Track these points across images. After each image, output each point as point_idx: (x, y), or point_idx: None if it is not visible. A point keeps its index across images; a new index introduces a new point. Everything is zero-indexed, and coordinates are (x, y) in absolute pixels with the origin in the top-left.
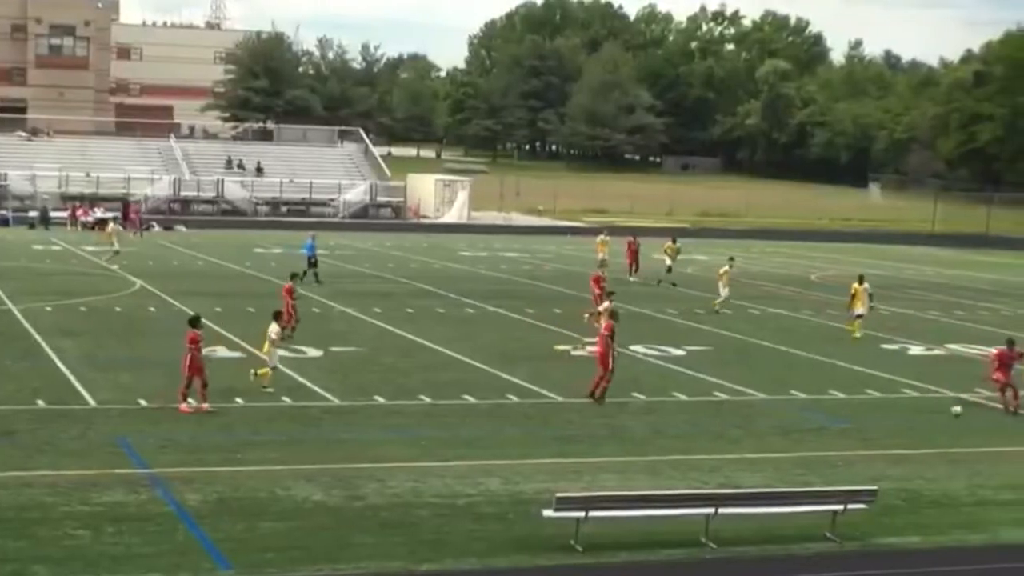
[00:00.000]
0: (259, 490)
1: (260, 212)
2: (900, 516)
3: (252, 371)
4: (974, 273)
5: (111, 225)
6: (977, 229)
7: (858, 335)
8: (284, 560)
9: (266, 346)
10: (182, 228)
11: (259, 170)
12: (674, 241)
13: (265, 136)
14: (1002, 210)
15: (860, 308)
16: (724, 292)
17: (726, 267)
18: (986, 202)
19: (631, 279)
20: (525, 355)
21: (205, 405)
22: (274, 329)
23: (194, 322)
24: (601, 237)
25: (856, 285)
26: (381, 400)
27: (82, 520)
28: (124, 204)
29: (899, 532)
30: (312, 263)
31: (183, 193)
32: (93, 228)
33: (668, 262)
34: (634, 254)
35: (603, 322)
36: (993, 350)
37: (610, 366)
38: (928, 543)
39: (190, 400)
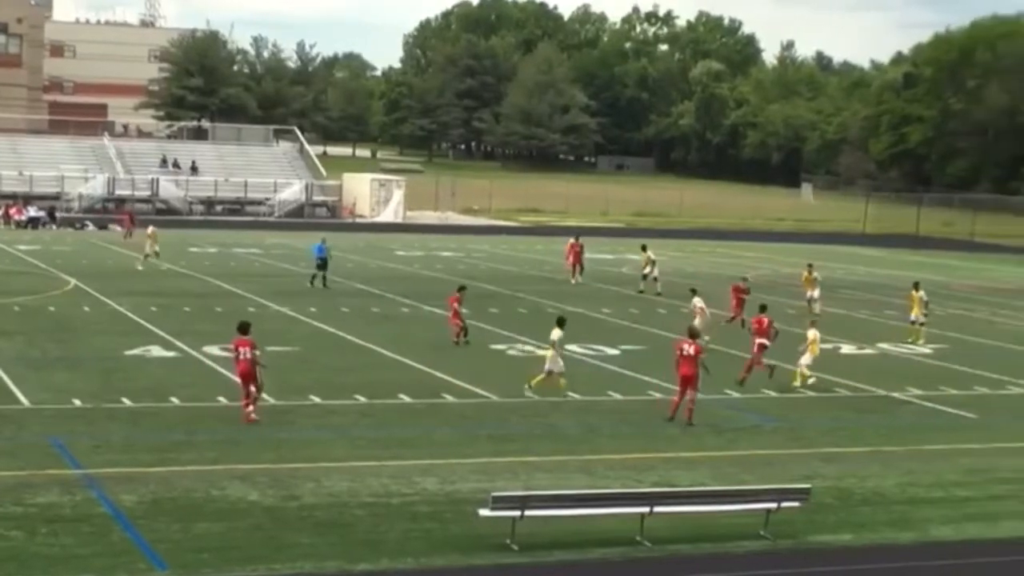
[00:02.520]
0: (194, 490)
1: (195, 211)
2: (833, 514)
3: (534, 379)
4: (904, 273)
5: (151, 228)
6: (907, 229)
7: (920, 342)
8: (219, 560)
9: (550, 352)
10: (117, 228)
11: (194, 169)
12: (644, 249)
13: (200, 135)
14: (931, 210)
15: (915, 314)
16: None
17: (805, 273)
18: (916, 203)
19: (573, 281)
20: (461, 354)
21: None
22: (557, 334)
23: (245, 328)
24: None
25: (912, 292)
26: (317, 400)
27: (16, 521)
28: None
29: (832, 530)
30: (322, 266)
31: (117, 192)
32: (26, 227)
33: (645, 271)
34: (577, 256)
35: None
36: None
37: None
38: (860, 541)
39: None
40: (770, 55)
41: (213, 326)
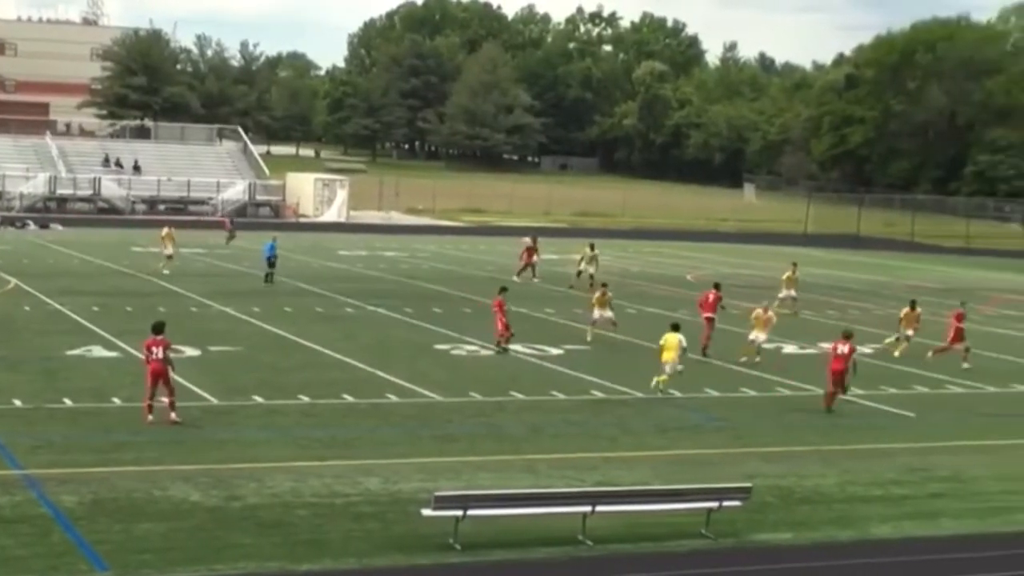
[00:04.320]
0: (136, 491)
1: (137, 210)
2: (773, 513)
3: (655, 381)
4: (845, 273)
5: (166, 229)
6: (848, 230)
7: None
8: (161, 561)
9: (672, 354)
10: (58, 227)
11: (136, 168)
12: (592, 248)
13: (143, 134)
14: (872, 211)
15: (909, 330)
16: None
17: (788, 272)
18: (857, 203)
19: (517, 279)
20: (404, 354)
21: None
22: (682, 339)
23: (158, 328)
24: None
25: (908, 309)
26: (259, 400)
27: None
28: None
29: (772, 529)
30: (271, 263)
31: (59, 191)
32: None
33: (580, 267)
34: (530, 255)
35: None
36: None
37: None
38: (800, 539)
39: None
40: (713, 56)
41: None
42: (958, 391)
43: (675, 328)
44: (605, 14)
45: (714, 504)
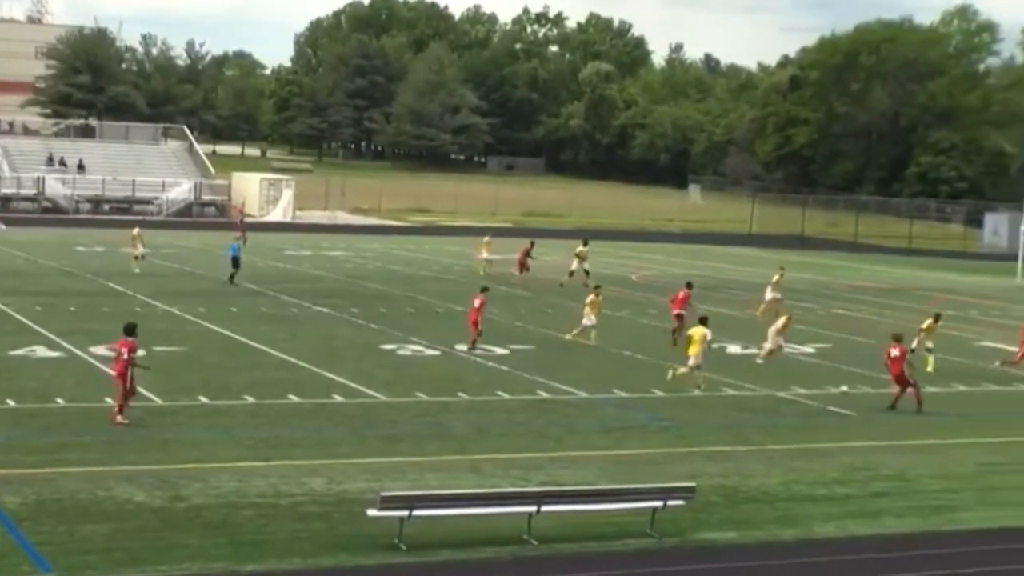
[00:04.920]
0: (80, 492)
1: (82, 210)
2: (718, 512)
3: (670, 372)
4: (790, 273)
5: (136, 230)
6: (793, 230)
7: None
8: (106, 562)
9: (694, 347)
10: (1, 226)
11: (81, 167)
12: (585, 243)
13: (87, 133)
14: (816, 212)
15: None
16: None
17: (776, 276)
18: (801, 204)
19: (513, 278)
20: (350, 354)
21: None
22: (707, 333)
23: (128, 329)
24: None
25: (931, 321)
26: (204, 400)
27: None
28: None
29: (717, 528)
30: (235, 263)
31: (2, 191)
32: None
33: (574, 265)
34: (524, 256)
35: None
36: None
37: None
38: (745, 538)
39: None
40: (659, 57)
41: (99, 326)
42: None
43: (703, 321)
44: (551, 15)
45: (659, 503)
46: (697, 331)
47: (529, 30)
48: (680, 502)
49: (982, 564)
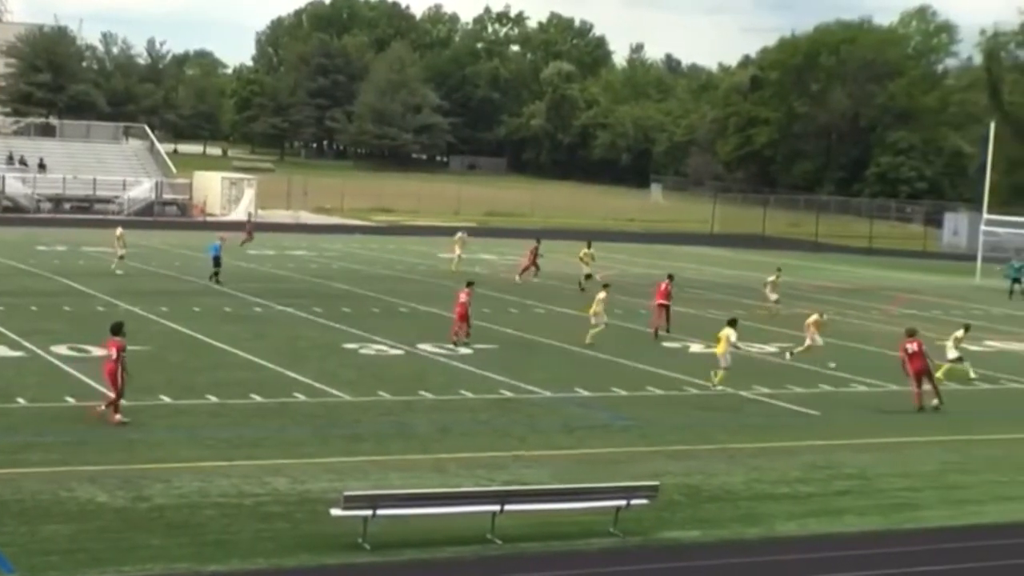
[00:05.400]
0: (42, 492)
1: (42, 209)
2: (681, 511)
3: (712, 375)
4: (751, 273)
5: (119, 230)
6: (754, 230)
7: (972, 375)
8: (68, 563)
9: (721, 347)
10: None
11: (41, 166)
12: (589, 246)
13: (47, 132)
14: (777, 212)
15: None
16: (772, 297)
17: (773, 277)
18: (762, 204)
19: (518, 279)
20: (313, 354)
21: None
22: (732, 333)
23: (114, 329)
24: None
25: (958, 333)
26: (167, 400)
27: None
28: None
29: (680, 526)
30: (216, 263)
31: None
32: None
33: (586, 269)
34: (533, 256)
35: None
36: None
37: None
38: (708, 537)
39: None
40: (620, 57)
41: (61, 325)
42: (862, 389)
43: (732, 323)
44: (512, 14)
45: (622, 502)
46: (725, 332)
47: (490, 29)
48: (643, 501)
49: (944, 562)
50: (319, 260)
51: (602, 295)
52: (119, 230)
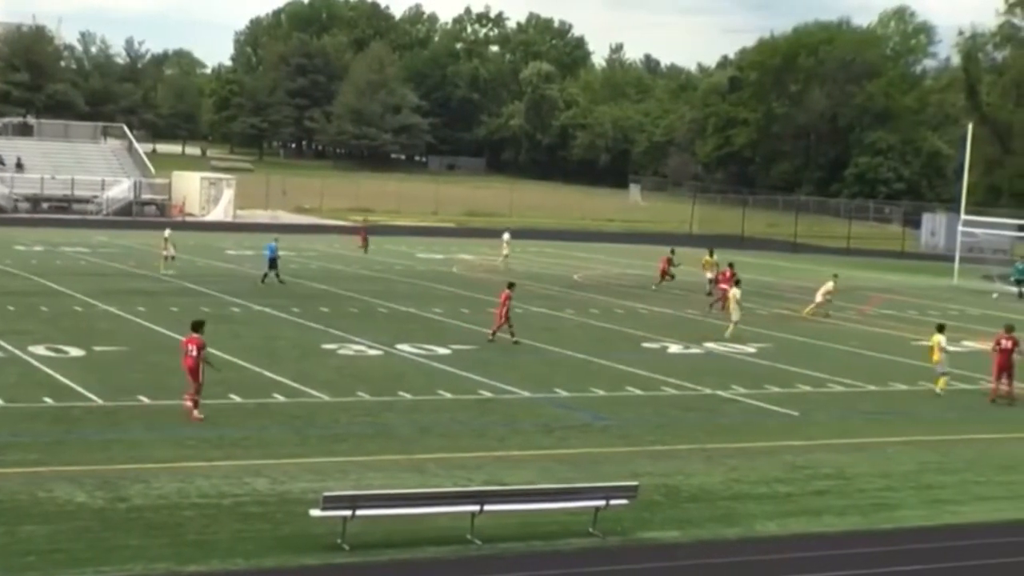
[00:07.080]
0: (19, 493)
1: (20, 209)
2: (660, 511)
3: (934, 382)
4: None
5: (168, 231)
6: (733, 230)
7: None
8: (47, 564)
9: (936, 355)
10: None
11: (19, 166)
12: (711, 254)
13: (25, 131)
14: (756, 212)
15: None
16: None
17: (830, 283)
18: (741, 204)
19: (654, 287)
20: (291, 354)
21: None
22: (941, 339)
23: (195, 326)
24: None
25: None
26: (145, 400)
27: None
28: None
29: (659, 526)
30: (273, 264)
31: None
32: None
33: (709, 275)
34: (666, 266)
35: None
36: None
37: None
38: (687, 537)
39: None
40: (599, 57)
41: (39, 325)
42: (840, 390)
43: (940, 329)
44: (492, 15)
45: (601, 503)
46: (935, 339)
47: (470, 30)
48: (623, 501)
49: (922, 562)
50: (298, 260)
51: (736, 293)
52: (167, 231)
